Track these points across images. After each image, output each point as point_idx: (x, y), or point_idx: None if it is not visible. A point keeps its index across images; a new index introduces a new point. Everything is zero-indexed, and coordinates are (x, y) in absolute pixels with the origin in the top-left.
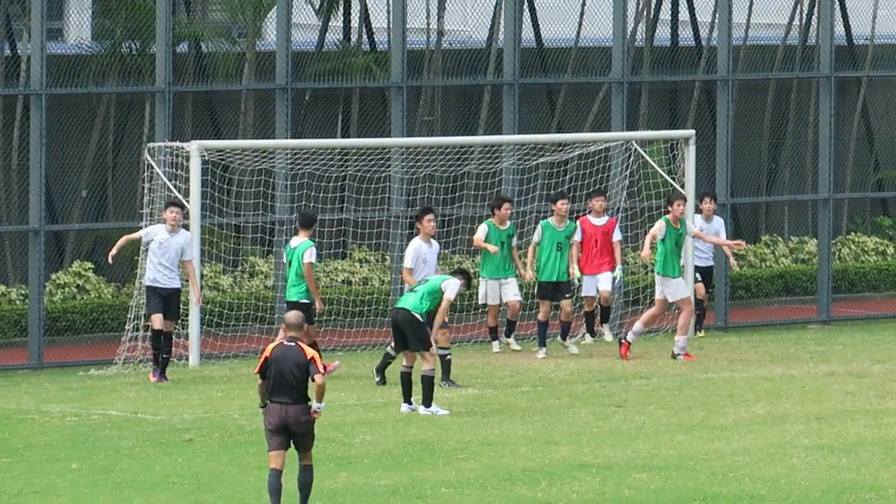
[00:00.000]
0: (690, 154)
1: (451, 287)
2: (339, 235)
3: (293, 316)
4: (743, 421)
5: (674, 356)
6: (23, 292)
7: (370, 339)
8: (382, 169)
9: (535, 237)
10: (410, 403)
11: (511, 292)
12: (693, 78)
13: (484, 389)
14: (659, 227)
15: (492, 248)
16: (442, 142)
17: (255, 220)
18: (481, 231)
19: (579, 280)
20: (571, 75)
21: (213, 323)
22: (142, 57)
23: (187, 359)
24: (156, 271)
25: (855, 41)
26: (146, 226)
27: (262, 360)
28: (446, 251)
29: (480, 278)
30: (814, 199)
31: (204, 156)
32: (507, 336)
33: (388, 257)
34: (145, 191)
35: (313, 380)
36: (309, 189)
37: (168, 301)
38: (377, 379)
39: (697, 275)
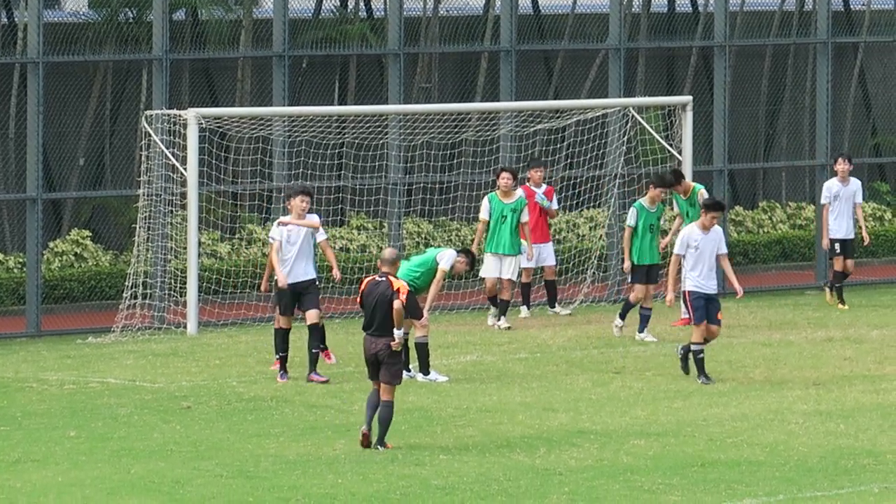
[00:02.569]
0: (688, 120)
1: (447, 258)
2: (336, 203)
3: (388, 252)
4: (741, 387)
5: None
6: (20, 260)
7: None
8: (380, 136)
9: (630, 220)
10: (409, 370)
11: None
12: (690, 44)
13: (482, 356)
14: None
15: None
16: (439, 109)
17: (253, 187)
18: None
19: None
20: (568, 42)
21: (211, 290)
22: (139, 25)
23: (185, 326)
24: (287, 268)
25: (852, 7)
26: (144, 194)
27: (360, 295)
28: (444, 218)
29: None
30: (811, 164)
31: (201, 123)
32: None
33: (385, 224)
34: (142, 159)
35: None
36: (306, 157)
37: (303, 295)
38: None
39: (837, 246)
